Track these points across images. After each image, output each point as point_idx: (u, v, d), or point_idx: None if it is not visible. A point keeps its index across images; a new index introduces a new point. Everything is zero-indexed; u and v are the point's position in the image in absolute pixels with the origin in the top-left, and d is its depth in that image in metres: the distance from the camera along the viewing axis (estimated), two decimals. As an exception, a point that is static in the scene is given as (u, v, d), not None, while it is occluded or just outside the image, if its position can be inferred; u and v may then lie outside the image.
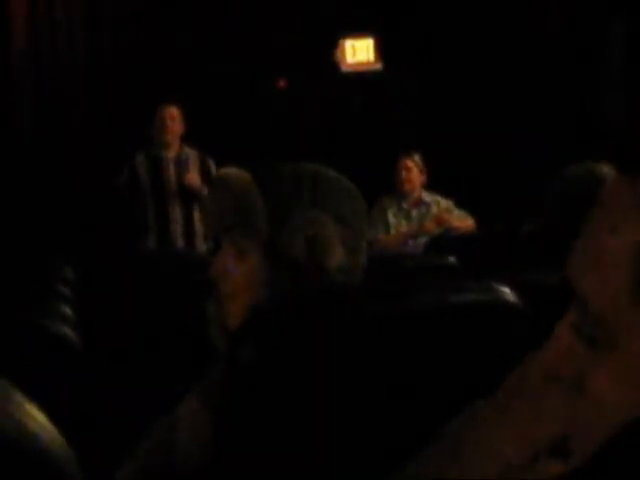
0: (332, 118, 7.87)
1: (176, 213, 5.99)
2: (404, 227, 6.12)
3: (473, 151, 7.23)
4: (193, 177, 5.93)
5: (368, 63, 7.88)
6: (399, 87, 7.83)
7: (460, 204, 6.16)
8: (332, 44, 7.82)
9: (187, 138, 6.11)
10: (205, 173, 5.97)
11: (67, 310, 2.15)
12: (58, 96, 6.97)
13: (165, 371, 2.91)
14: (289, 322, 1.24)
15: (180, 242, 5.99)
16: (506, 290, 1.32)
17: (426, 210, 6.14)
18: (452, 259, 3.19)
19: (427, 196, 6.20)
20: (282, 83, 7.84)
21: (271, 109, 7.73)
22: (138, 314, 3.20)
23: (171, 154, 6.03)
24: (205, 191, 5.76)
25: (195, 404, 1.52)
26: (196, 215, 5.96)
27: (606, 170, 2.06)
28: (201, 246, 5.98)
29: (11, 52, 6.70)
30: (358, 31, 7.81)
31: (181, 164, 6.01)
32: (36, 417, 0.65)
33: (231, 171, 1.67)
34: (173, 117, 6.02)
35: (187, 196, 5.94)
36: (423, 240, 5.65)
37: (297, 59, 7.74)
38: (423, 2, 7.66)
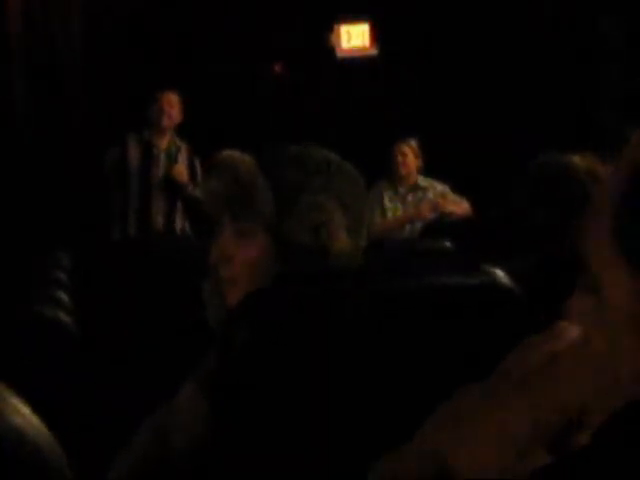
0: (327, 104, 7.86)
1: (158, 205, 5.94)
2: (400, 212, 6.12)
3: (470, 140, 7.22)
4: (181, 170, 5.90)
5: (363, 48, 7.87)
6: (395, 73, 7.82)
7: (454, 189, 6.17)
8: (327, 30, 7.80)
9: (187, 132, 6.09)
10: (191, 169, 5.94)
11: (63, 296, 2.15)
12: (58, 96, 6.95)
13: (162, 356, 2.92)
14: (285, 304, 1.24)
15: (159, 232, 5.95)
16: (499, 273, 1.33)
17: (422, 195, 6.14)
18: (447, 243, 3.20)
19: (423, 181, 6.20)
20: (278, 68, 7.82)
21: (268, 96, 7.72)
22: (134, 300, 3.20)
23: (163, 143, 5.99)
24: (190, 187, 5.76)
25: (191, 388, 1.53)
26: (178, 208, 5.93)
27: (576, 160, 2.06)
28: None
29: (11, 54, 6.69)
30: (353, 17, 7.80)
31: (171, 156, 5.98)
32: (23, 412, 0.65)
33: (234, 155, 1.66)
34: (172, 103, 5.99)
35: (172, 188, 5.90)
36: (419, 225, 5.66)
37: (293, 45, 7.73)
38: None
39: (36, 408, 0.69)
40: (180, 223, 5.97)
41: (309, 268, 1.53)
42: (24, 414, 0.65)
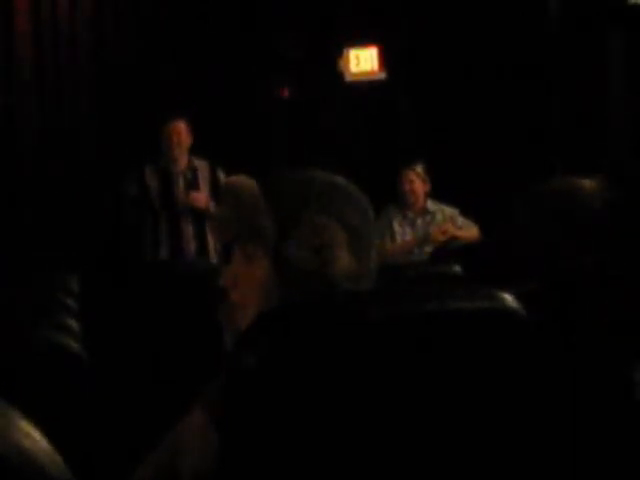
0: (336, 128, 7.87)
1: (188, 228, 5.99)
2: (409, 236, 6.12)
3: (479, 163, 7.23)
4: (198, 197, 5.94)
5: (372, 72, 7.89)
6: (403, 97, 7.84)
7: (463, 212, 6.17)
8: (336, 54, 7.83)
9: (193, 150, 6.12)
10: (215, 184, 5.97)
11: (72, 322, 2.15)
12: (62, 105, 6.97)
13: (171, 383, 2.92)
14: (291, 329, 1.24)
15: (193, 256, 6.00)
16: (508, 298, 1.33)
17: (431, 219, 6.14)
18: (457, 268, 3.20)
19: (432, 205, 6.20)
20: (286, 93, 7.85)
21: (276, 119, 7.75)
22: (143, 326, 3.20)
23: (180, 168, 6.03)
24: (213, 206, 5.77)
25: (199, 413, 1.52)
26: (208, 229, 5.97)
27: (585, 182, 2.05)
28: (213, 260, 5.99)
29: (13, 63, 6.70)
30: (362, 41, 7.83)
31: (189, 179, 6.01)
32: (32, 435, 0.65)
33: (239, 179, 1.67)
34: (180, 131, 6.02)
35: (198, 211, 5.94)
36: (428, 249, 5.66)
37: (301, 68, 7.76)
38: (426, 11, 7.66)
39: (45, 433, 0.69)
40: (213, 244, 6.00)
41: (312, 290, 1.53)
42: (35, 438, 0.65)
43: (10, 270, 5.07)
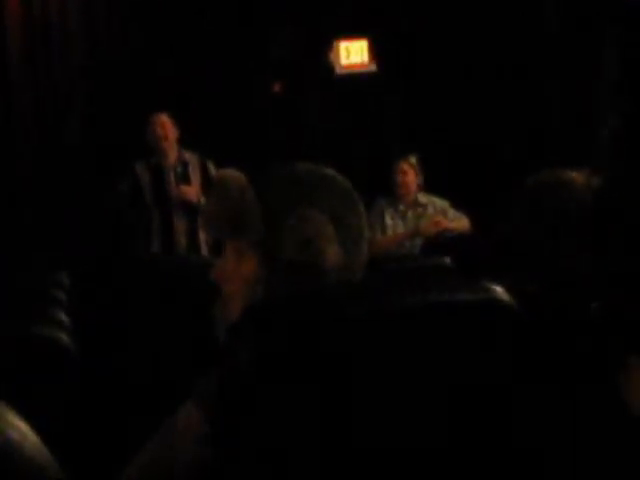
0: (327, 121, 7.88)
1: (180, 222, 5.99)
2: (401, 228, 6.12)
3: (470, 155, 7.23)
4: (189, 190, 5.93)
5: (362, 65, 7.90)
6: (394, 89, 7.85)
7: (454, 205, 6.17)
8: (326, 47, 7.83)
9: (185, 144, 6.11)
10: (206, 177, 5.97)
11: (62, 316, 2.15)
12: (55, 105, 6.96)
13: (162, 375, 2.91)
14: (279, 322, 1.24)
15: (184, 250, 6.00)
16: (498, 289, 1.33)
17: (422, 211, 6.14)
18: (447, 260, 3.20)
19: (423, 197, 6.20)
20: (277, 87, 7.85)
21: (267, 113, 7.74)
22: (134, 319, 3.19)
23: (170, 162, 6.01)
24: (204, 199, 5.77)
25: (192, 408, 1.51)
26: (199, 224, 5.96)
27: (574, 176, 2.05)
28: (205, 254, 5.98)
29: (6, 60, 6.69)
30: (352, 33, 7.83)
31: (180, 173, 6.00)
32: (19, 427, 0.65)
33: (228, 173, 1.67)
34: (163, 124, 6.00)
35: (189, 206, 5.93)
36: (419, 241, 5.66)
37: (292, 62, 7.75)
38: (417, 3, 7.67)
39: (34, 427, 0.69)
40: (204, 238, 6.00)
41: (301, 283, 1.53)
42: (22, 430, 0.65)
43: (8, 270, 5.07)
